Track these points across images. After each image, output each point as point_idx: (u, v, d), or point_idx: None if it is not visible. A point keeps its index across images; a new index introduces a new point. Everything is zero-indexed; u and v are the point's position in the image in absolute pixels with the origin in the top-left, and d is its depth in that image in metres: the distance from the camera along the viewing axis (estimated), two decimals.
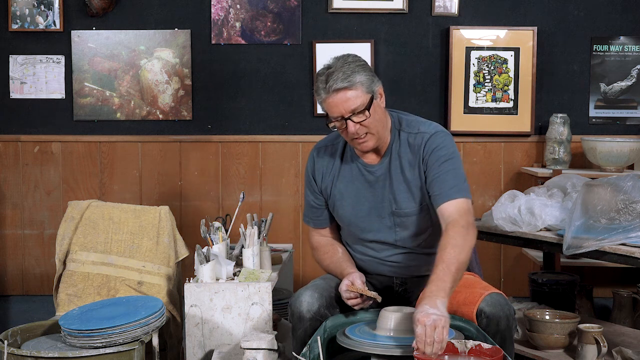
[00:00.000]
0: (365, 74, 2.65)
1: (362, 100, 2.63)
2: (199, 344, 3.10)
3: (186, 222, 4.64)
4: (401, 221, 2.77)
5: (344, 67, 2.64)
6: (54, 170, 4.70)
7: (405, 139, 2.76)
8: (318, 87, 2.67)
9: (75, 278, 3.42)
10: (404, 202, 2.75)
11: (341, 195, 2.83)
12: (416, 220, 2.76)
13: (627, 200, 3.01)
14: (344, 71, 2.62)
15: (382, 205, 2.78)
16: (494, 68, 4.62)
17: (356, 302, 2.68)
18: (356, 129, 2.65)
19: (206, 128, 4.69)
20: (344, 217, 2.85)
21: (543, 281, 3.81)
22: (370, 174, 2.80)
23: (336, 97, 2.63)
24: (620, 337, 3.51)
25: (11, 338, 3.00)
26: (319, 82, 2.66)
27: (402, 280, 2.88)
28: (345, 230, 2.93)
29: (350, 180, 2.83)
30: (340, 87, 2.61)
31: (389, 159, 2.77)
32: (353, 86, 2.62)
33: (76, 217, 3.50)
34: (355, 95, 2.62)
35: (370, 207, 2.79)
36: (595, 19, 4.64)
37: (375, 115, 2.66)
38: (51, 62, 4.68)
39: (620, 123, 4.68)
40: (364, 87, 2.63)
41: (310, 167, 2.91)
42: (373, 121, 2.66)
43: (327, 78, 2.63)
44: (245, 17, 4.64)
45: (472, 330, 2.52)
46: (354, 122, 2.64)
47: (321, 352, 2.40)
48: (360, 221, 2.82)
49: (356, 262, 2.89)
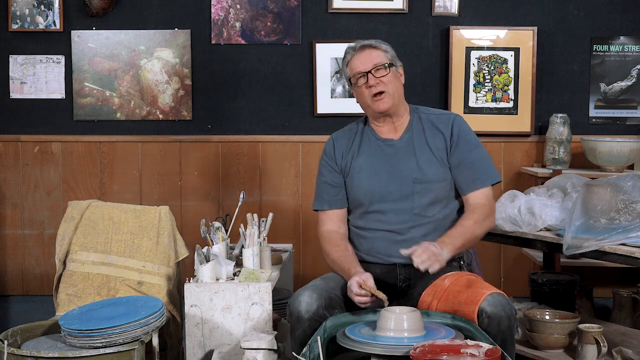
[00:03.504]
0: (390, 48, 3.00)
1: (384, 59, 2.95)
2: (199, 344, 3.10)
3: (186, 222, 4.64)
4: (422, 188, 2.91)
5: (372, 39, 3.02)
6: (54, 170, 4.70)
7: (427, 119, 3.01)
8: (347, 52, 3.00)
9: (75, 278, 3.42)
10: (428, 169, 2.92)
11: (360, 168, 2.99)
12: (436, 188, 2.92)
13: (627, 200, 3.01)
14: (373, 40, 3.00)
15: (402, 174, 2.93)
16: (494, 68, 4.62)
17: (365, 300, 2.71)
18: (375, 82, 2.91)
19: (206, 128, 4.69)
20: (360, 189, 2.97)
21: (543, 281, 3.81)
22: (389, 147, 2.99)
23: (362, 52, 2.95)
24: (620, 337, 3.51)
25: (11, 338, 3.00)
26: (347, 50, 3.00)
27: (405, 276, 2.89)
28: (359, 209, 2.99)
29: (370, 155, 3.00)
30: (367, 45, 2.96)
31: (410, 134, 2.99)
32: (379, 47, 2.97)
33: (76, 217, 3.50)
34: (378, 54, 2.95)
35: (388, 178, 2.94)
36: (595, 19, 4.64)
37: (394, 80, 2.95)
38: (51, 62, 4.68)
39: (620, 123, 4.68)
40: (388, 53, 2.97)
41: (330, 148, 3.08)
42: (391, 82, 2.94)
43: (356, 42, 3.00)
44: (245, 17, 4.64)
45: (472, 330, 2.52)
46: (374, 76, 2.91)
47: (321, 352, 2.40)
48: (378, 190, 2.94)
49: (368, 242, 2.96)
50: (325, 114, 4.66)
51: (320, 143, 4.60)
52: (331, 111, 4.65)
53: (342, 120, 4.49)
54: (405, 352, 2.32)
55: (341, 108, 4.66)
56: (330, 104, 4.65)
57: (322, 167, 3.08)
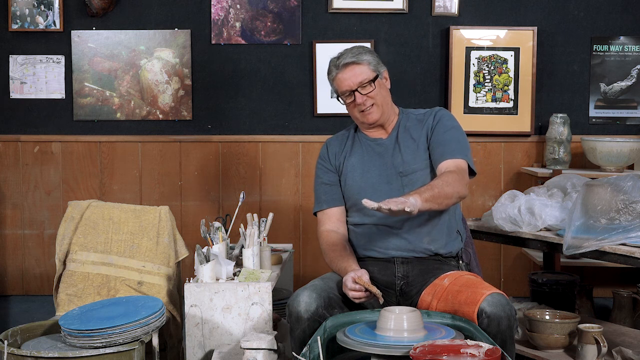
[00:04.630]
0: (373, 56, 3.00)
1: (367, 74, 2.96)
2: (199, 344, 3.10)
3: (186, 222, 4.64)
4: (409, 180, 2.94)
5: (353, 49, 3.00)
6: (54, 170, 4.70)
7: (414, 117, 3.07)
8: (330, 68, 3.01)
9: (75, 278, 3.42)
10: (410, 160, 2.96)
11: (353, 167, 3.05)
12: (421, 176, 2.94)
13: (627, 200, 3.01)
14: (353, 52, 2.98)
15: (390, 170, 2.97)
16: (494, 68, 4.62)
17: (359, 294, 2.74)
18: (363, 100, 2.95)
19: (206, 128, 4.69)
20: (354, 187, 3.01)
21: (543, 281, 3.81)
22: (379, 146, 3.04)
23: (345, 70, 2.96)
24: (620, 337, 3.51)
25: (11, 338, 3.00)
26: (331, 64, 3.01)
27: (403, 273, 2.88)
28: (354, 206, 3.02)
29: (361, 155, 3.06)
30: (349, 62, 2.95)
31: (397, 132, 3.04)
32: (361, 61, 2.95)
33: (76, 217, 3.50)
34: (361, 70, 2.95)
35: (379, 174, 2.99)
36: (595, 19, 4.64)
37: (380, 91, 2.98)
38: (51, 62, 4.68)
39: (620, 123, 4.68)
40: (370, 66, 2.97)
41: (324, 152, 3.14)
42: (378, 94, 2.97)
43: (338, 58, 2.99)
44: (245, 17, 4.64)
45: (472, 330, 2.52)
46: (361, 94, 2.95)
47: (321, 352, 2.40)
48: (369, 187, 2.97)
49: (364, 237, 2.98)
50: (325, 114, 4.66)
51: (320, 143, 4.60)
52: (331, 111, 4.65)
53: (342, 120, 4.52)
54: (405, 352, 2.32)
55: (341, 108, 4.53)
56: (330, 104, 4.65)
57: (318, 170, 3.14)
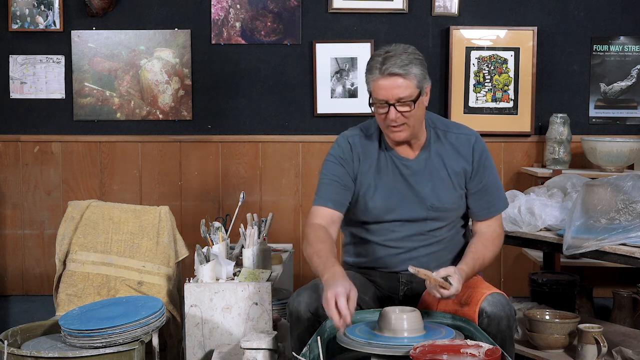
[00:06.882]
0: (421, 68, 2.70)
1: (410, 91, 2.66)
2: (199, 344, 3.10)
3: (186, 222, 4.64)
4: (437, 215, 2.81)
5: (403, 55, 2.68)
6: (54, 170, 4.70)
7: (445, 137, 2.83)
8: (372, 66, 2.68)
9: (75, 278, 3.42)
10: (444, 196, 2.80)
11: (375, 186, 2.80)
12: (451, 215, 2.84)
13: (627, 200, 3.01)
14: (403, 59, 2.66)
15: (417, 198, 2.79)
16: (494, 68, 4.62)
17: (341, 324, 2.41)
18: (396, 117, 2.67)
19: (206, 128, 4.69)
20: (375, 208, 2.80)
21: (543, 281, 3.81)
22: (406, 167, 2.81)
23: (388, 80, 2.65)
24: (620, 337, 3.51)
25: (11, 338, 3.00)
26: (374, 62, 2.67)
27: (407, 279, 2.88)
28: (368, 223, 2.84)
29: (385, 172, 2.82)
30: (395, 72, 2.64)
31: (427, 154, 2.81)
32: (407, 75, 2.65)
33: (76, 217, 3.50)
34: (406, 85, 2.65)
35: (403, 200, 2.80)
36: (595, 19, 4.64)
37: (418, 110, 2.70)
38: (51, 62, 4.68)
39: (620, 123, 4.68)
40: (416, 81, 2.67)
41: (346, 149, 2.83)
42: (414, 115, 2.69)
43: (385, 60, 2.66)
44: (245, 17, 4.64)
45: (472, 330, 2.52)
46: (397, 110, 2.66)
47: (321, 352, 2.40)
48: (391, 211, 2.79)
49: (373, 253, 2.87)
50: (325, 114, 4.66)
51: (320, 143, 4.63)
52: (331, 111, 4.65)
53: (342, 120, 4.52)
54: (405, 352, 2.32)
55: (341, 108, 4.65)
56: (330, 104, 4.65)
57: (331, 164, 2.82)
